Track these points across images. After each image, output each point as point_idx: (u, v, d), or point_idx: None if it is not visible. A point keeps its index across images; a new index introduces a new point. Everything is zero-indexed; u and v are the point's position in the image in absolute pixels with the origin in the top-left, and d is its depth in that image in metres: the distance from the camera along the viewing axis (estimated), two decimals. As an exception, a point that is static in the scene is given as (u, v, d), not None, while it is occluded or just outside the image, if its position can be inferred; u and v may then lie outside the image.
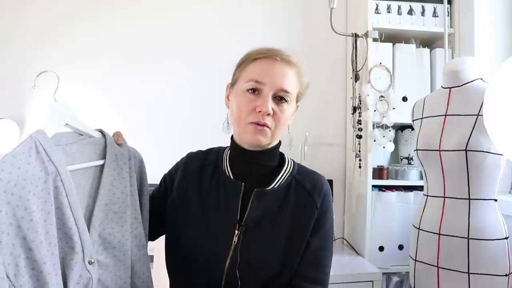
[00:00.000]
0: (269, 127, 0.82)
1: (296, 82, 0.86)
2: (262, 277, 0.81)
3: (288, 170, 0.90)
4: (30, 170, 0.64)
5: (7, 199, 0.60)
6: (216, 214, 0.85)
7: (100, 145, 0.81)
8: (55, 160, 0.68)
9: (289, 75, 0.84)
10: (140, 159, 0.88)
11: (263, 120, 0.81)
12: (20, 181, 0.62)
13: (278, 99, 0.83)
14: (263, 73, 0.82)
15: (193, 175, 0.90)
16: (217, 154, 0.94)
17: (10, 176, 0.61)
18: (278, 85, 0.82)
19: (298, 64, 0.86)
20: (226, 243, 0.82)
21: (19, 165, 0.63)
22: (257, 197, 0.84)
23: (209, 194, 0.87)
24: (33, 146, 0.67)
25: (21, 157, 0.64)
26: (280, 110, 0.83)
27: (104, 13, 1.91)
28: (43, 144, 0.68)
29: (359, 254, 1.79)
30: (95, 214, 0.74)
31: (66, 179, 0.69)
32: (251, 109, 0.82)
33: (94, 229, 0.73)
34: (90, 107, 1.86)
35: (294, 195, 0.86)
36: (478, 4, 1.77)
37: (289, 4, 2.06)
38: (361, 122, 1.78)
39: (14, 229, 0.61)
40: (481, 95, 1.15)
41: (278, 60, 0.83)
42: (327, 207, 0.88)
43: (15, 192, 0.62)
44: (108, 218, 0.76)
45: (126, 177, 0.81)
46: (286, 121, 0.86)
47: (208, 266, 0.82)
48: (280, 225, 0.84)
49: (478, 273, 1.19)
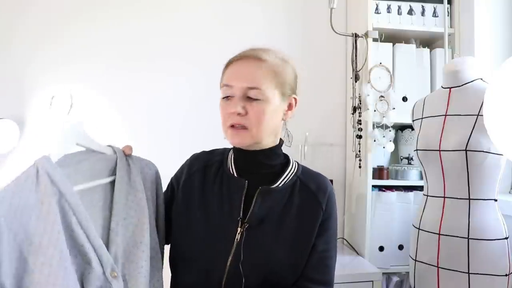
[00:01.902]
0: (244, 126, 0.82)
1: (271, 77, 0.83)
2: (265, 275, 0.81)
3: (293, 170, 0.90)
4: (31, 197, 0.67)
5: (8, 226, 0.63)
6: (219, 211, 0.86)
7: (112, 161, 0.84)
8: (57, 182, 0.70)
9: (259, 72, 0.83)
10: (155, 170, 0.91)
11: (237, 121, 0.82)
12: (21, 208, 0.65)
13: (250, 98, 0.82)
14: (232, 77, 0.84)
15: (197, 174, 0.92)
16: (222, 154, 0.95)
17: (11, 205, 0.64)
18: (244, 85, 0.82)
19: (270, 59, 0.84)
20: (228, 240, 0.83)
21: (20, 195, 0.66)
22: (261, 195, 0.85)
23: (212, 191, 0.89)
24: (35, 172, 0.69)
25: (23, 185, 0.67)
26: (253, 109, 0.82)
27: (104, 13, 1.91)
28: (46, 168, 0.70)
29: (359, 254, 1.79)
30: (112, 228, 0.77)
31: (71, 198, 0.71)
32: (226, 113, 0.84)
33: (114, 243, 0.76)
34: (90, 107, 1.87)
35: (299, 195, 0.87)
36: (478, 4, 1.76)
37: (289, 4, 2.06)
38: (361, 122, 1.78)
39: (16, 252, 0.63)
40: (481, 95, 1.15)
41: (249, 59, 0.84)
42: (331, 209, 0.89)
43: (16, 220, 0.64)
44: (130, 231, 0.79)
45: (140, 189, 0.83)
46: (267, 118, 0.83)
47: (210, 263, 0.83)
48: (284, 224, 0.84)
49: (478, 273, 1.19)
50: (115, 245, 0.76)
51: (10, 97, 1.82)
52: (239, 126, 0.82)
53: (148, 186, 0.86)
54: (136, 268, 0.77)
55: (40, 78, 1.84)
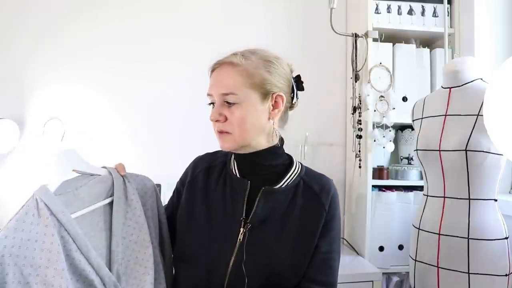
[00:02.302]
0: (227, 132, 0.84)
1: (245, 78, 0.83)
2: (267, 275, 0.81)
3: (296, 171, 0.90)
4: (33, 229, 0.70)
5: (13, 262, 0.66)
6: (222, 212, 0.87)
7: (109, 182, 0.86)
8: (57, 213, 0.73)
9: (232, 77, 0.83)
10: (151, 184, 0.93)
11: (219, 128, 0.85)
12: (24, 242, 0.68)
13: (227, 103, 0.84)
14: (210, 85, 0.87)
15: (201, 175, 0.93)
16: (225, 156, 0.96)
17: (14, 240, 0.67)
18: (219, 91, 0.84)
19: (245, 62, 0.84)
20: (231, 240, 0.83)
21: (22, 228, 0.69)
22: (264, 195, 0.85)
23: (215, 192, 0.89)
24: (35, 205, 0.72)
25: (25, 218, 0.70)
26: (231, 113, 0.83)
27: (104, 13, 1.91)
28: (45, 200, 0.73)
29: (359, 254, 1.79)
30: (113, 249, 0.80)
31: (70, 227, 0.73)
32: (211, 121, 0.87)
33: (116, 262, 0.79)
34: (90, 107, 1.87)
35: (302, 196, 0.87)
36: (478, 4, 1.76)
37: (290, 4, 2.06)
38: (361, 122, 1.78)
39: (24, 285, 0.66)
40: (481, 95, 1.15)
41: (222, 65, 0.86)
42: (335, 210, 0.89)
43: (20, 254, 0.67)
44: (130, 249, 0.82)
45: (138, 207, 0.85)
46: (248, 120, 0.83)
47: (213, 263, 0.83)
48: (287, 225, 0.84)
49: (478, 273, 1.19)
50: (117, 264, 0.78)
51: (10, 97, 1.82)
52: (223, 132, 0.85)
53: (147, 201, 0.88)
54: (140, 283, 0.79)
55: (40, 78, 1.84)
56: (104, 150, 1.80)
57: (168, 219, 0.93)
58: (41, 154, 1.77)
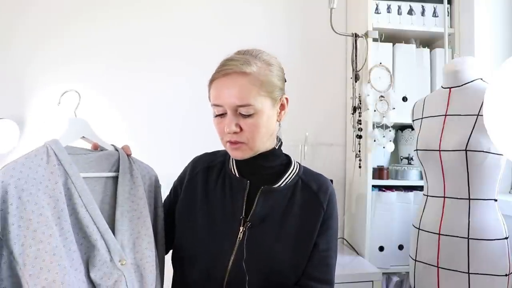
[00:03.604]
0: (242, 142, 0.83)
1: (258, 88, 0.81)
2: (267, 274, 0.82)
3: (295, 171, 0.91)
4: (40, 171, 0.70)
5: (18, 194, 0.65)
6: (221, 211, 0.87)
7: (114, 157, 0.86)
8: (65, 163, 0.73)
9: (244, 87, 0.80)
10: (154, 174, 0.93)
11: (233, 138, 0.82)
12: (31, 179, 0.68)
13: (241, 114, 0.81)
14: (218, 95, 0.82)
15: (200, 175, 0.93)
16: (224, 155, 0.96)
17: (21, 174, 0.67)
18: (232, 104, 0.80)
19: (255, 70, 0.81)
20: (231, 239, 0.84)
21: (29, 166, 0.69)
22: (263, 195, 0.86)
23: (214, 191, 0.90)
24: (45, 150, 0.73)
25: (33, 159, 0.70)
26: (246, 124, 0.81)
27: (104, 13, 1.91)
28: (55, 149, 0.73)
29: (359, 254, 1.79)
30: (117, 218, 0.78)
31: (77, 181, 0.73)
32: (221, 131, 0.84)
33: (120, 232, 0.77)
34: (90, 107, 1.86)
35: (300, 194, 0.88)
36: (478, 4, 1.76)
37: (289, 4, 2.06)
38: (361, 122, 1.78)
39: (25, 221, 0.65)
40: (481, 95, 1.15)
41: (232, 75, 0.80)
42: (332, 209, 0.90)
43: (26, 188, 0.66)
44: (133, 223, 0.81)
45: (141, 186, 0.85)
46: (261, 128, 0.83)
47: (212, 261, 0.83)
48: (286, 223, 0.85)
49: (478, 273, 1.19)
50: (121, 234, 0.77)
51: (10, 97, 1.82)
52: (237, 142, 0.83)
53: (147, 189, 0.88)
54: (143, 258, 0.78)
55: (40, 78, 1.84)
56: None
57: (169, 216, 0.93)
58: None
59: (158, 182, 0.93)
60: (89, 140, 0.86)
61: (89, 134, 0.86)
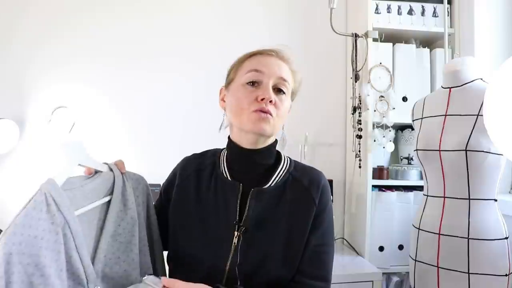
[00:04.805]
0: (272, 114, 0.82)
1: (291, 77, 0.88)
2: (264, 276, 0.81)
3: (285, 167, 0.90)
4: (41, 226, 0.67)
5: (18, 260, 0.64)
6: (215, 216, 0.85)
7: (110, 180, 0.84)
8: (64, 209, 0.70)
9: (285, 68, 0.87)
10: (145, 184, 0.91)
11: (266, 107, 0.81)
12: (31, 239, 0.65)
13: (276, 90, 0.84)
14: (261, 64, 0.85)
15: (191, 178, 0.91)
16: (213, 156, 0.94)
17: (22, 237, 0.65)
18: (276, 74, 0.84)
19: (291, 60, 0.89)
20: (226, 245, 0.82)
21: (30, 224, 0.66)
22: (254, 197, 0.84)
23: (207, 196, 0.88)
24: (44, 199, 0.69)
25: (33, 213, 0.67)
26: (280, 100, 0.84)
27: (104, 12, 1.91)
28: (53, 195, 0.70)
29: (359, 254, 1.79)
30: (100, 247, 0.78)
31: (73, 225, 0.72)
32: (252, 99, 0.82)
33: (99, 260, 0.77)
34: (91, 107, 1.87)
35: (291, 192, 0.86)
36: (478, 4, 1.76)
37: (290, 4, 2.06)
38: (361, 122, 1.78)
39: (26, 285, 0.64)
40: (481, 95, 1.15)
41: (274, 55, 0.87)
42: (325, 203, 0.87)
43: (26, 252, 0.65)
44: (115, 248, 0.80)
45: (133, 208, 0.84)
46: (285, 114, 0.87)
47: (209, 268, 0.82)
48: (279, 223, 0.84)
49: (478, 273, 1.19)
50: (100, 262, 0.77)
51: (10, 97, 1.82)
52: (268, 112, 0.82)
53: (140, 201, 0.87)
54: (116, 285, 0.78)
55: (40, 78, 1.84)
56: (104, 150, 1.79)
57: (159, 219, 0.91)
58: (44, 154, 1.77)
59: (149, 190, 0.92)
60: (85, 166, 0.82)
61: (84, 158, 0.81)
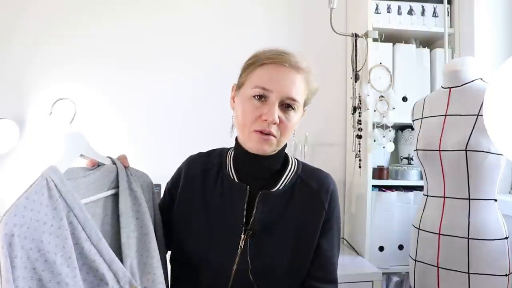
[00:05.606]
0: (274, 136, 0.79)
1: (304, 88, 0.82)
2: (275, 279, 0.80)
3: (293, 170, 0.89)
4: (43, 210, 0.64)
5: (20, 244, 0.61)
6: (221, 219, 0.84)
7: (113, 173, 0.82)
8: (66, 195, 0.68)
9: (298, 82, 0.80)
10: (149, 181, 0.89)
11: (268, 128, 0.78)
12: (33, 223, 0.63)
13: (285, 106, 0.80)
14: (270, 80, 0.79)
15: (196, 179, 0.89)
16: (220, 156, 0.92)
17: (23, 219, 0.62)
18: (285, 93, 0.78)
19: (307, 69, 0.82)
20: (232, 248, 0.81)
21: (31, 207, 0.63)
22: (262, 200, 0.83)
23: (213, 198, 0.86)
24: (45, 183, 0.67)
25: (34, 197, 0.64)
26: (286, 118, 0.80)
27: (104, 12, 1.91)
28: (55, 180, 0.67)
29: (359, 254, 1.79)
30: (123, 242, 0.75)
31: (80, 213, 0.69)
32: (256, 116, 0.79)
33: (129, 257, 0.74)
34: (90, 107, 1.87)
35: (300, 195, 0.86)
36: (478, 4, 1.76)
37: (289, 4, 2.06)
38: (361, 122, 1.78)
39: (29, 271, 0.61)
40: (481, 95, 1.15)
41: (287, 67, 0.79)
42: (334, 207, 0.87)
43: (28, 235, 0.62)
44: (142, 242, 0.77)
45: (142, 199, 0.82)
46: (292, 128, 0.83)
47: (214, 271, 0.81)
48: (287, 227, 0.83)
49: (478, 273, 1.19)
50: (130, 258, 0.74)
51: (10, 97, 1.82)
52: (270, 134, 0.79)
53: (146, 197, 0.85)
54: (155, 279, 0.75)
55: (40, 78, 1.84)
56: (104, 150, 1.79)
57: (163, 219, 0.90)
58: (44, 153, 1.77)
59: (153, 188, 0.90)
60: (87, 157, 0.81)
61: (86, 149, 0.80)
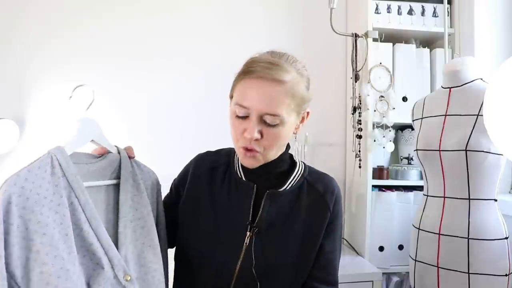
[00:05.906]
0: (258, 151, 0.79)
1: (290, 100, 0.77)
2: (278, 278, 0.81)
3: (300, 172, 0.90)
4: (44, 185, 0.64)
5: (18, 213, 0.60)
6: (227, 216, 0.85)
7: (116, 163, 0.82)
8: (69, 176, 0.68)
9: (278, 96, 0.76)
10: (155, 177, 0.89)
11: (250, 145, 0.78)
12: (33, 195, 0.62)
13: (265, 122, 0.77)
14: (247, 97, 0.76)
15: (204, 176, 0.90)
16: (228, 155, 0.93)
17: (23, 190, 0.61)
18: (263, 110, 0.75)
19: (293, 80, 0.77)
20: (237, 245, 0.82)
21: (33, 180, 0.63)
22: (269, 199, 0.84)
23: (220, 195, 0.87)
24: (49, 161, 0.67)
25: (36, 171, 0.64)
26: (268, 133, 0.78)
27: (104, 12, 1.91)
28: (60, 160, 0.68)
29: (359, 254, 1.79)
30: (120, 231, 0.74)
31: (81, 195, 0.68)
32: (240, 132, 0.78)
33: (124, 245, 0.73)
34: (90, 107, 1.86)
35: (306, 197, 0.87)
36: (478, 4, 1.76)
37: (289, 4, 2.06)
38: (361, 122, 1.78)
39: (27, 242, 0.61)
40: (481, 95, 1.15)
41: (267, 81, 0.75)
42: (338, 210, 0.89)
43: (27, 206, 0.61)
44: (137, 234, 0.77)
45: (145, 193, 0.82)
46: (281, 139, 0.81)
47: (219, 268, 0.82)
48: (293, 227, 0.84)
49: (478, 273, 1.19)
50: (125, 247, 0.73)
51: (10, 97, 1.82)
52: (253, 150, 0.79)
53: (149, 195, 0.85)
54: (149, 272, 0.75)
55: (40, 78, 1.84)
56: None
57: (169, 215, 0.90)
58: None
59: (159, 185, 0.90)
60: (97, 143, 0.81)
61: (99, 136, 0.80)
